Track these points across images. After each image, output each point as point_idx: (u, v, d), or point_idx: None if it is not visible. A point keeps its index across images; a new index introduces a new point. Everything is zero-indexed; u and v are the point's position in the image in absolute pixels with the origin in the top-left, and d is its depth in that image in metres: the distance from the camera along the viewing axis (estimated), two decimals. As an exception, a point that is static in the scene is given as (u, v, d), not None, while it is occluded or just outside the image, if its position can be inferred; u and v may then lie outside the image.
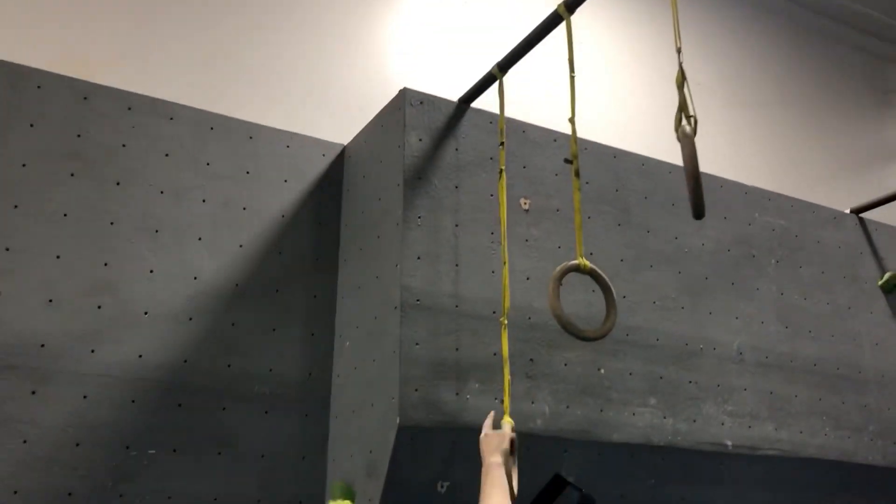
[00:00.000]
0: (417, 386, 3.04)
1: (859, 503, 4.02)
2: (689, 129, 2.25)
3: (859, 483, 3.97)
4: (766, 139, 5.63)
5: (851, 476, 3.93)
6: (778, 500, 3.79)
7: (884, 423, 4.08)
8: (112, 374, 3.11)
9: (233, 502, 3.20)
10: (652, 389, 3.54)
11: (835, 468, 3.87)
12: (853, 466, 3.91)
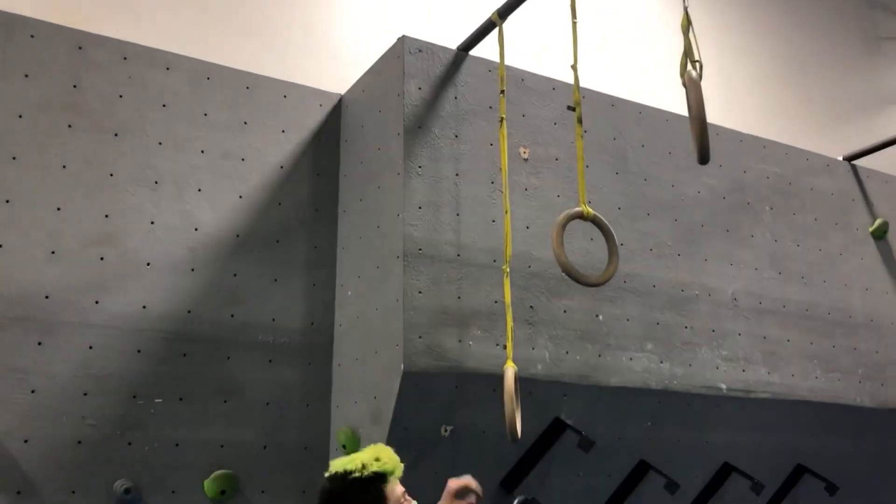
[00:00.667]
0: (421, 333, 3.08)
1: (848, 443, 4.12)
2: (695, 73, 2.25)
3: (848, 423, 4.08)
4: (759, 87, 5.63)
5: (841, 417, 4.03)
6: (769, 441, 3.89)
7: (872, 366, 4.17)
8: (117, 325, 3.13)
9: (239, 449, 3.25)
10: (649, 335, 3.61)
11: (825, 409, 3.97)
12: (842, 408, 4.01)
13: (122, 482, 3.00)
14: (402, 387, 3.04)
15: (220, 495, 3.15)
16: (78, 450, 2.97)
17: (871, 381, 4.14)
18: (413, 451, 3.13)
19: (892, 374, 4.23)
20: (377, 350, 3.23)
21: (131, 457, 3.06)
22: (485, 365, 3.17)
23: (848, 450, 4.13)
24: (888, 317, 4.36)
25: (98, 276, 3.14)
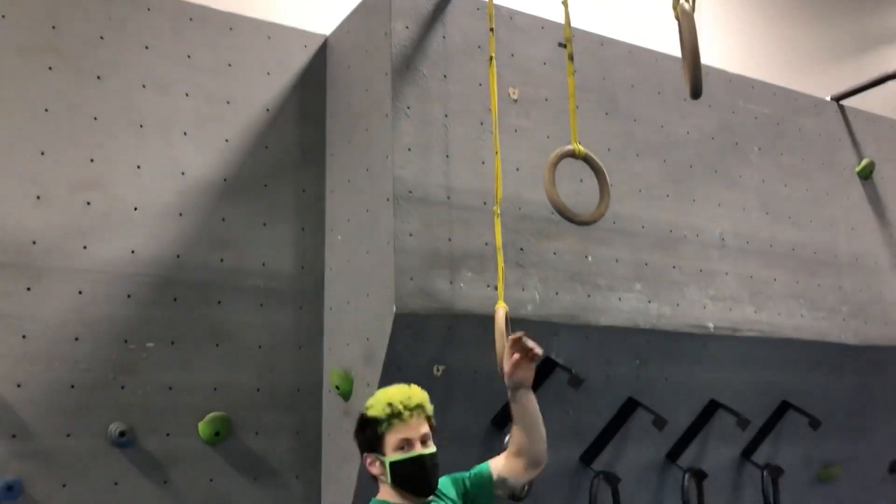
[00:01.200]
0: (412, 275, 3.09)
1: (831, 379, 4.21)
2: (688, 6, 2.23)
3: (832, 361, 4.15)
4: (747, 27, 5.58)
5: (825, 354, 4.10)
6: (755, 379, 3.96)
7: (856, 305, 4.24)
8: (106, 270, 3.11)
9: (233, 391, 3.27)
10: (637, 275, 3.63)
11: (810, 347, 4.03)
12: (827, 345, 4.08)
13: (116, 425, 3.01)
14: (395, 328, 3.05)
15: (215, 437, 3.17)
16: (71, 394, 2.98)
17: (855, 319, 4.20)
18: (406, 392, 3.17)
19: (874, 313, 4.29)
20: (368, 293, 3.24)
21: (125, 400, 3.07)
22: (476, 306, 3.19)
23: (831, 386, 4.22)
24: (872, 256, 4.41)
25: (85, 221, 3.11)
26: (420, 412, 2.37)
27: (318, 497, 3.38)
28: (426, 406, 2.40)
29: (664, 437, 3.86)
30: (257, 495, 3.27)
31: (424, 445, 2.36)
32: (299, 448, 3.37)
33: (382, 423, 2.34)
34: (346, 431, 3.26)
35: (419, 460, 2.34)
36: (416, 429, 2.35)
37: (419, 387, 2.46)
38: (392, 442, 2.34)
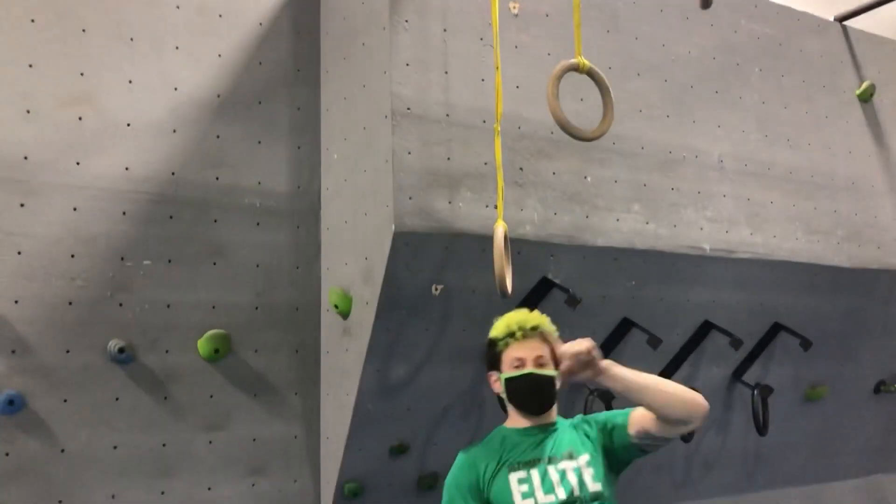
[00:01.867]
0: (411, 194, 3.06)
1: (823, 302, 4.25)
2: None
3: (825, 284, 4.19)
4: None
5: (818, 277, 4.13)
6: (750, 300, 4.00)
7: (851, 228, 4.25)
8: (100, 187, 3.06)
9: (231, 309, 3.27)
10: (636, 196, 3.62)
11: (804, 270, 4.06)
12: (821, 268, 4.11)
13: (115, 342, 3.02)
14: (393, 247, 3.04)
15: (214, 354, 3.19)
16: (69, 310, 2.97)
17: (849, 243, 4.22)
18: (404, 309, 3.18)
19: (868, 236, 4.31)
20: (367, 212, 3.21)
21: (123, 317, 3.07)
22: (475, 226, 3.18)
23: (823, 308, 4.27)
24: (868, 180, 4.40)
25: (77, 136, 3.04)
26: (534, 334, 2.49)
27: (317, 413, 3.42)
28: (543, 329, 2.50)
29: (658, 357, 3.91)
30: (257, 411, 3.30)
31: (537, 366, 2.46)
32: (298, 365, 3.40)
33: (500, 342, 2.53)
34: (346, 349, 3.31)
35: (529, 378, 2.47)
36: (531, 349, 2.48)
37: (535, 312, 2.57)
38: (508, 360, 2.50)
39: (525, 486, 2.41)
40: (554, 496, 2.39)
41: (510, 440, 2.51)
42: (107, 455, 3.02)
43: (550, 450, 2.46)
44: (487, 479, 2.45)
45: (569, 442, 2.50)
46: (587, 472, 2.44)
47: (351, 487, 3.32)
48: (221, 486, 3.22)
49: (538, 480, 2.41)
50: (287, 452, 3.35)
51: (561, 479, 2.41)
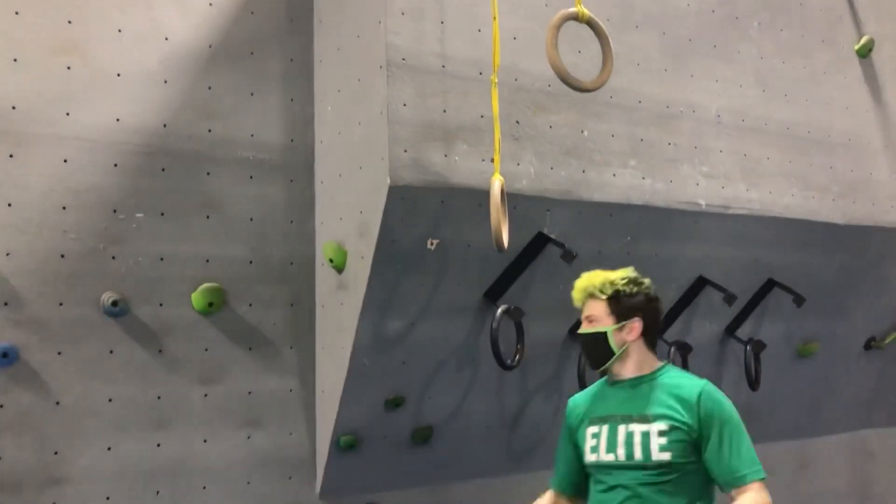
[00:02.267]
0: (406, 147, 3.03)
1: (817, 258, 4.26)
2: None
3: (819, 240, 4.19)
4: None
5: (812, 233, 4.14)
6: (744, 256, 4.00)
7: (846, 185, 4.24)
8: (90, 138, 3.01)
9: (225, 263, 3.25)
10: (633, 151, 3.59)
11: (798, 226, 4.06)
12: (815, 224, 4.11)
13: (108, 295, 3.00)
14: (389, 201, 3.01)
15: (208, 308, 3.17)
16: (62, 263, 2.94)
17: (844, 199, 4.22)
18: (400, 264, 3.17)
19: (863, 193, 4.31)
20: (361, 165, 3.18)
21: (116, 270, 3.04)
22: (471, 180, 3.15)
23: (816, 264, 4.28)
24: (865, 136, 4.39)
25: (66, 86, 2.98)
26: (583, 295, 2.58)
27: (312, 367, 3.42)
28: (590, 290, 2.55)
29: (651, 312, 3.93)
30: (252, 365, 3.30)
31: (587, 324, 2.55)
32: (293, 320, 3.39)
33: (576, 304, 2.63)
34: (341, 304, 3.30)
35: (579, 338, 2.61)
36: (584, 310, 2.58)
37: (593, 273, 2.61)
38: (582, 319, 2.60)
39: (594, 441, 2.46)
40: (613, 456, 2.41)
41: (601, 393, 2.58)
42: (102, 407, 3.02)
43: (628, 408, 2.44)
44: (576, 426, 2.57)
45: (653, 404, 2.42)
46: (656, 440, 2.36)
47: (346, 440, 3.34)
48: (217, 438, 3.23)
49: (605, 437, 2.44)
50: (282, 406, 3.36)
51: (626, 440, 2.40)
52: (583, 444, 2.50)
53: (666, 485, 2.35)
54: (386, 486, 3.57)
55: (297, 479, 3.39)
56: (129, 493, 3.07)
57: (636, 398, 2.45)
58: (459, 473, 3.76)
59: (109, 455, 3.03)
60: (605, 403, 2.51)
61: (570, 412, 2.62)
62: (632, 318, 2.49)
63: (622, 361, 2.51)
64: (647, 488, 2.36)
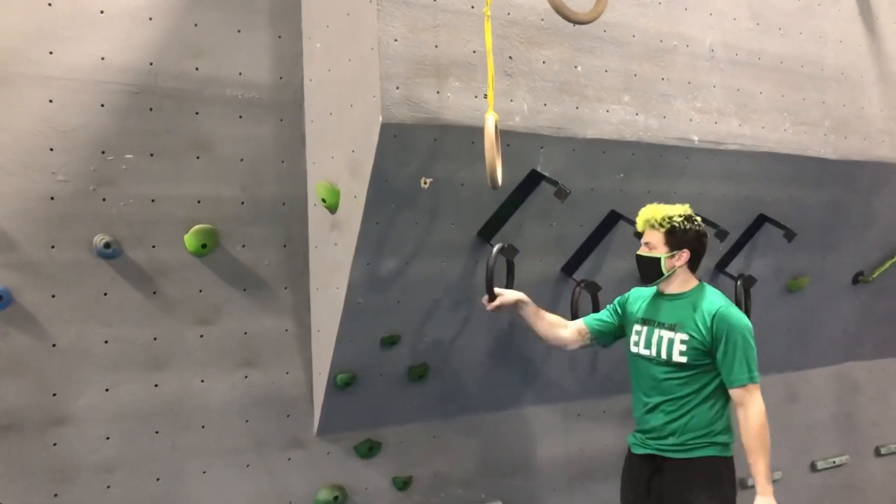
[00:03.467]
0: (398, 84, 2.98)
1: (808, 193, 4.27)
2: None
3: (810, 175, 4.19)
4: None
5: (804, 168, 4.14)
6: (735, 192, 4.00)
7: (838, 119, 4.23)
8: (75, 77, 2.95)
9: (217, 204, 3.23)
10: (626, 87, 3.56)
11: (790, 161, 4.06)
12: (807, 160, 4.10)
13: (101, 237, 2.98)
14: (381, 139, 2.98)
15: (201, 249, 3.16)
16: (52, 205, 2.92)
17: (836, 134, 4.21)
18: (393, 203, 3.15)
19: (855, 127, 4.30)
20: (352, 103, 3.13)
21: (107, 212, 3.02)
22: (464, 117, 3.11)
23: (807, 200, 4.29)
24: (858, 70, 4.35)
25: (48, 23, 2.91)
26: (646, 224, 3.19)
27: (307, 307, 3.43)
28: (651, 221, 3.17)
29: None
30: (247, 305, 3.31)
31: (644, 249, 3.19)
32: (287, 260, 3.38)
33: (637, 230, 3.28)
34: (334, 244, 3.29)
35: (636, 258, 3.25)
36: (645, 236, 3.20)
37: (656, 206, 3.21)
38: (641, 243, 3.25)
39: (636, 337, 3.23)
40: (648, 351, 3.17)
41: (649, 299, 3.28)
42: (98, 349, 3.03)
43: (663, 317, 3.18)
44: (628, 310, 3.32)
45: (681, 317, 3.13)
46: (678, 346, 3.09)
47: (343, 378, 3.37)
48: (214, 378, 3.25)
49: (644, 336, 3.20)
50: (278, 346, 3.38)
51: (658, 341, 3.15)
52: (629, 336, 3.27)
53: (681, 378, 3.10)
54: (383, 422, 3.62)
55: (294, 418, 3.43)
56: (129, 433, 3.10)
57: (671, 310, 3.16)
58: (455, 409, 3.82)
59: (108, 396, 3.05)
60: (651, 309, 3.23)
61: (630, 298, 3.35)
62: (682, 249, 3.15)
63: (668, 281, 3.20)
64: (667, 382, 3.13)
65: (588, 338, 3.38)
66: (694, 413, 3.10)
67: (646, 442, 3.22)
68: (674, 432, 3.12)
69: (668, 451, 3.15)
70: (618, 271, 3.95)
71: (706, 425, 3.10)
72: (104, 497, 3.05)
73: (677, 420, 3.12)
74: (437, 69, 3.07)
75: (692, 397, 3.10)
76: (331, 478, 3.50)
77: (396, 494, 3.66)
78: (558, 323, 3.38)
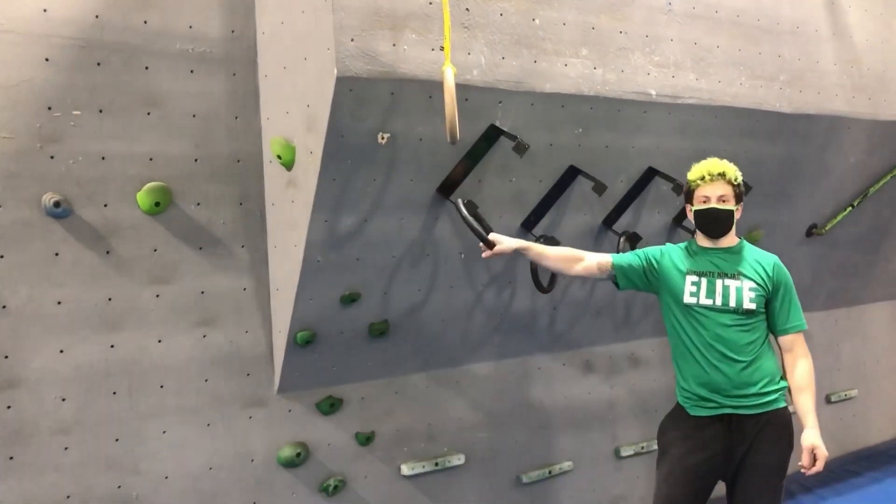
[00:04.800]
0: (353, 36, 2.93)
1: (763, 147, 4.32)
2: None
3: (765, 129, 4.24)
4: None
5: (759, 123, 4.17)
6: (692, 146, 4.02)
7: (793, 73, 4.26)
8: (16, 31, 2.85)
9: (169, 161, 3.16)
10: (584, 40, 3.54)
11: (746, 115, 4.09)
12: (763, 113, 4.14)
13: (50, 195, 2.90)
14: (336, 93, 2.93)
15: (155, 207, 3.10)
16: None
17: (791, 88, 4.25)
18: (350, 159, 3.12)
19: (810, 81, 4.34)
20: (306, 56, 3.07)
21: (56, 171, 2.94)
22: (421, 70, 3.07)
23: (762, 154, 4.34)
24: (813, 23, 4.38)
25: (-15, -27, 2.80)
26: (720, 178, 3.18)
27: (265, 265, 3.40)
28: (727, 175, 3.19)
29: (601, 203, 3.97)
30: (203, 264, 3.27)
31: (720, 202, 3.17)
32: (243, 218, 3.34)
33: (693, 182, 3.23)
34: (291, 201, 3.25)
35: (711, 211, 3.19)
36: (715, 189, 3.18)
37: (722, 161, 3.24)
38: (698, 197, 3.21)
39: (694, 288, 3.20)
40: (712, 301, 3.17)
41: (693, 254, 3.27)
42: (51, 310, 2.97)
43: (724, 267, 3.19)
44: (662, 266, 3.28)
45: (743, 267, 3.19)
46: (747, 293, 3.15)
47: (303, 335, 3.36)
48: (172, 337, 3.22)
49: (705, 286, 3.18)
50: (237, 304, 3.35)
51: (724, 290, 3.16)
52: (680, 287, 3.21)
53: (746, 326, 3.15)
54: (344, 379, 3.63)
55: (254, 376, 3.42)
56: (86, 394, 3.07)
57: (729, 262, 3.21)
58: (416, 365, 3.84)
59: (62, 357, 3.01)
60: (702, 261, 3.23)
61: (664, 251, 3.34)
62: (740, 203, 3.25)
63: (728, 235, 3.25)
64: (730, 329, 3.14)
65: (607, 273, 3.34)
66: (760, 363, 3.14)
67: (716, 400, 3.16)
68: (747, 383, 3.11)
69: (745, 407, 3.13)
70: (577, 226, 3.97)
71: (771, 373, 3.16)
72: (61, 458, 3.02)
73: (746, 369, 3.11)
74: (392, 21, 3.02)
75: (754, 345, 3.14)
76: (293, 435, 3.51)
77: (359, 450, 3.69)
78: (570, 257, 3.33)
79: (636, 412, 4.63)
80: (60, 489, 3.02)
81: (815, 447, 3.15)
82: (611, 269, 3.33)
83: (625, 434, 4.59)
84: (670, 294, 3.25)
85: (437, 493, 3.92)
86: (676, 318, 3.24)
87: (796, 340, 3.22)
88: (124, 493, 3.14)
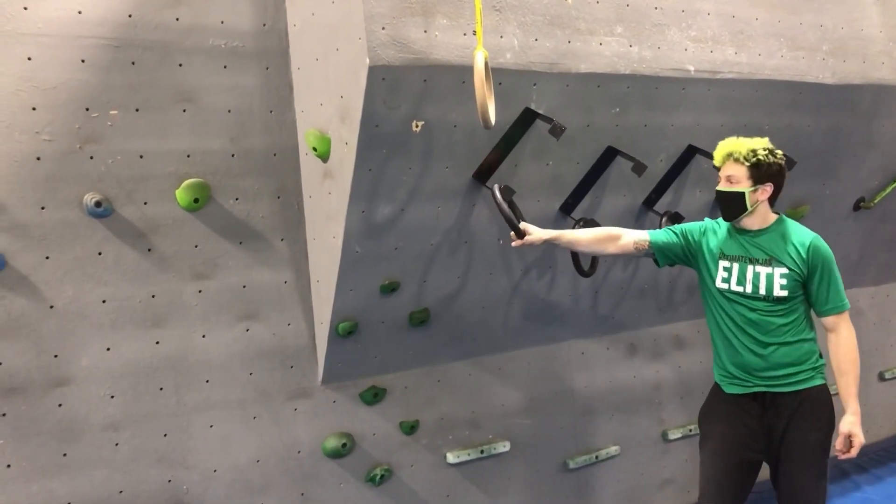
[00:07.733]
0: (384, 24, 2.90)
1: (807, 120, 4.20)
2: None
3: (809, 101, 4.12)
4: None
5: (802, 94, 4.06)
6: (733, 122, 3.93)
7: (836, 42, 4.14)
8: (53, 33, 2.88)
9: (207, 157, 3.18)
10: (618, 18, 3.47)
11: (788, 88, 3.98)
12: (804, 86, 4.03)
13: (91, 195, 2.94)
14: (369, 83, 2.92)
15: (194, 203, 3.12)
16: (38, 166, 2.87)
17: (834, 58, 4.12)
18: (385, 148, 3.10)
19: (853, 51, 4.21)
20: (338, 47, 3.06)
21: (96, 170, 2.97)
22: (453, 56, 3.04)
23: (806, 127, 4.23)
24: (856, -11, 4.25)
25: (19, -23, 2.83)
26: (728, 159, 3.12)
27: (305, 257, 3.41)
28: (735, 155, 3.10)
29: (641, 184, 3.91)
30: (244, 259, 3.28)
31: (726, 183, 3.12)
32: (281, 211, 3.35)
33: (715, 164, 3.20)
34: (328, 193, 3.25)
35: (717, 193, 3.18)
36: (724, 170, 3.14)
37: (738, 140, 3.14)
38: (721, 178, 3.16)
39: (725, 274, 3.16)
40: (742, 288, 3.12)
41: (729, 235, 3.21)
42: (96, 309, 3.01)
43: (755, 252, 3.13)
44: (699, 244, 3.26)
45: (775, 251, 3.11)
46: (778, 280, 3.08)
47: (345, 326, 3.37)
48: (215, 332, 3.24)
49: (736, 272, 3.14)
50: (278, 297, 3.37)
51: (754, 277, 3.11)
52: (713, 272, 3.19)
53: (780, 311, 3.10)
54: (387, 368, 3.63)
55: (298, 368, 3.44)
56: (133, 390, 3.11)
57: (761, 245, 3.13)
58: (458, 353, 3.83)
59: (109, 355, 3.05)
60: (735, 244, 3.17)
61: (704, 227, 3.29)
62: (765, 183, 3.09)
63: (751, 217, 3.15)
64: (765, 316, 3.11)
65: (644, 251, 3.31)
66: (796, 344, 3.11)
67: (749, 379, 3.17)
68: (780, 364, 3.10)
69: (778, 385, 3.12)
70: (617, 208, 3.91)
71: (808, 352, 3.13)
72: (113, 454, 3.07)
73: (779, 350, 3.10)
74: (423, 7, 2.99)
75: (789, 326, 3.10)
76: (338, 426, 3.52)
77: (404, 438, 3.69)
78: (604, 237, 3.30)
79: (682, 394, 4.57)
80: (112, 484, 3.07)
81: (851, 434, 3.09)
82: (648, 247, 3.30)
83: (671, 417, 4.54)
84: (705, 275, 3.25)
85: (483, 480, 3.91)
86: (713, 298, 3.23)
87: (839, 321, 3.15)
88: (174, 487, 3.19)
